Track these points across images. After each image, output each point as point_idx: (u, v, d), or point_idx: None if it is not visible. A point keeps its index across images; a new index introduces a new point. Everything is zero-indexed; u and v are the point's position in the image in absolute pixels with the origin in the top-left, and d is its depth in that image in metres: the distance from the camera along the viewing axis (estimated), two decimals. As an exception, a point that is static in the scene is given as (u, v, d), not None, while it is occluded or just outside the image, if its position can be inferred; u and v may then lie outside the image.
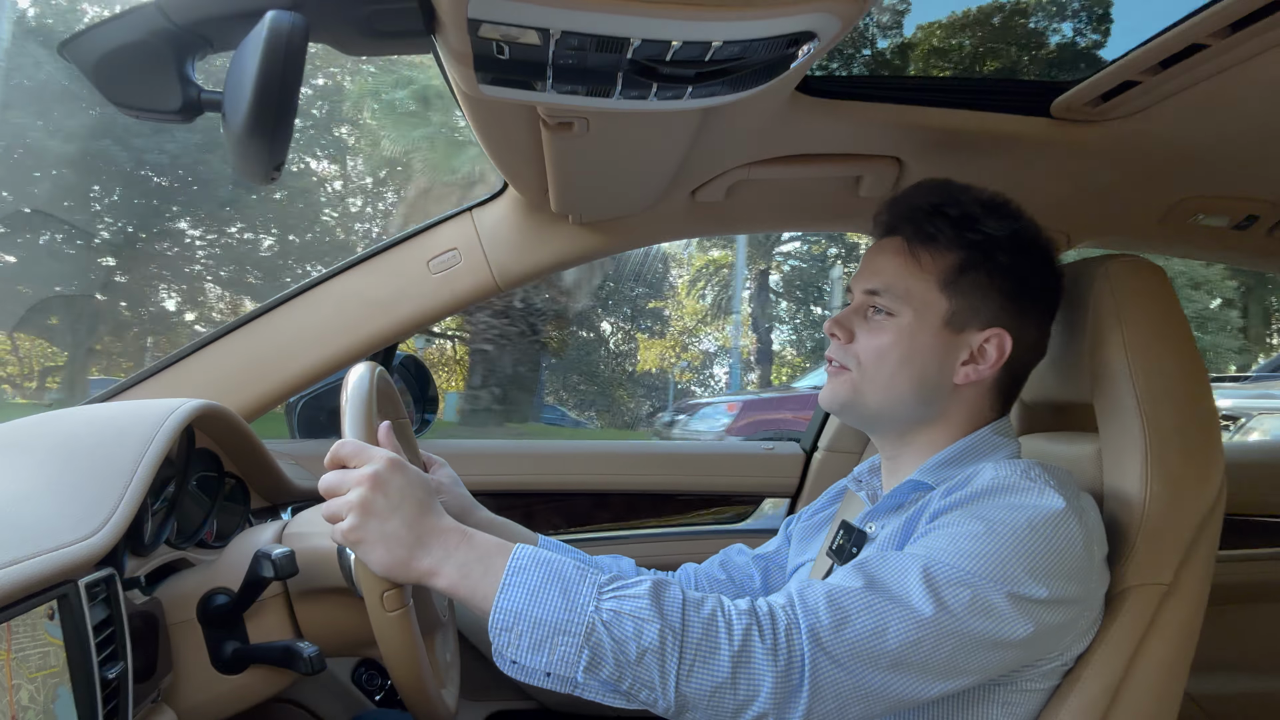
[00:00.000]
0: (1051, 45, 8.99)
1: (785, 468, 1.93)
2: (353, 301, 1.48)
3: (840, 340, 1.04)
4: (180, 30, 0.79)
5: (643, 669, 0.78)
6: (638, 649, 0.78)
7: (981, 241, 1.00)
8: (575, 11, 0.68)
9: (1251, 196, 1.42)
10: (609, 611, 0.79)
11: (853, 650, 0.80)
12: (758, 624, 0.80)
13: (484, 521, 1.19)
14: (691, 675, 0.78)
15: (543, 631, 0.78)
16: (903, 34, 10.81)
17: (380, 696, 1.66)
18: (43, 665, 0.71)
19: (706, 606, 0.81)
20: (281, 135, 0.72)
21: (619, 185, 1.31)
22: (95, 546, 0.78)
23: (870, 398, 1.02)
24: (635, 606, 0.79)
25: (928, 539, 0.89)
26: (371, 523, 0.83)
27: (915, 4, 10.65)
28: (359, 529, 0.83)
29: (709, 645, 0.79)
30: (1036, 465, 0.94)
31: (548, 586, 0.80)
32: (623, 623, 0.78)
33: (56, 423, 0.97)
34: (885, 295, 1.01)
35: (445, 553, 0.83)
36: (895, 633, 0.81)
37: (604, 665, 0.78)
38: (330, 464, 0.87)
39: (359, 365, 0.99)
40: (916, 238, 1.02)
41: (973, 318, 1.00)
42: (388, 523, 0.83)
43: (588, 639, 0.78)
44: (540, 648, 0.78)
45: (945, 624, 0.81)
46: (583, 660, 0.78)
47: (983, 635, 0.83)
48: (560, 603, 0.79)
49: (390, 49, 0.88)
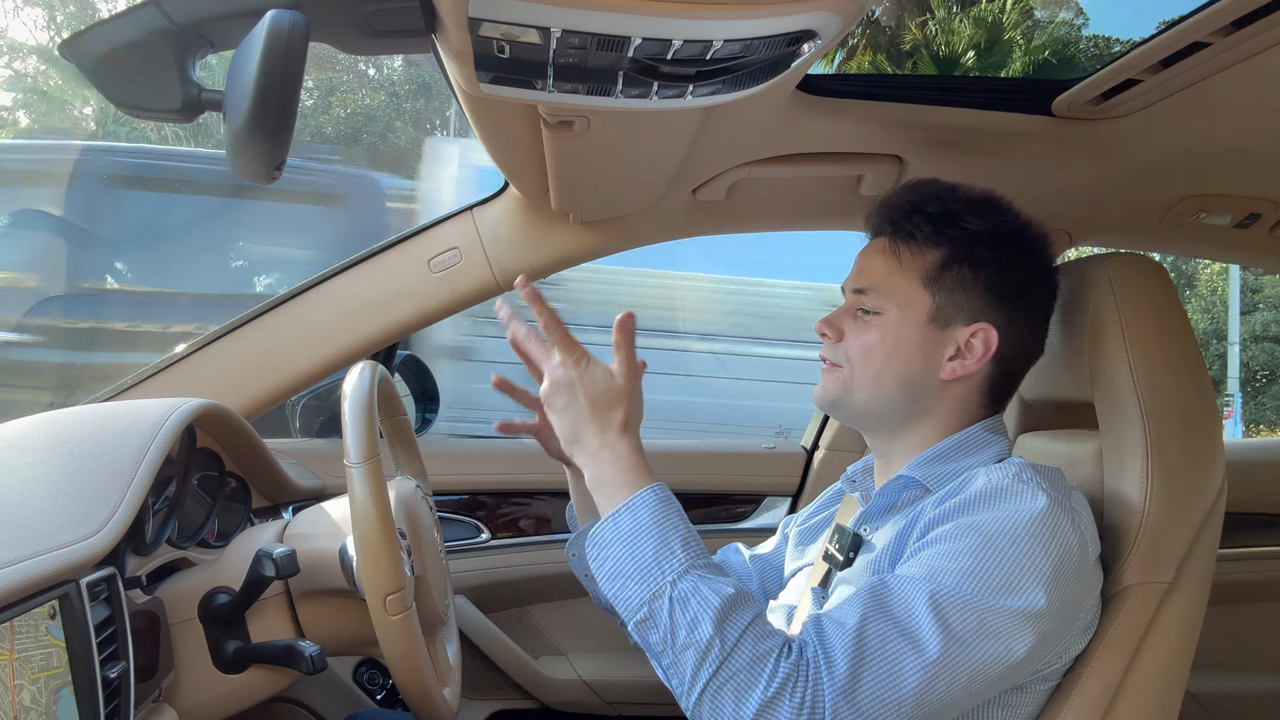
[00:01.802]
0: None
1: (786, 467, 1.93)
2: (353, 301, 1.48)
3: (830, 339, 1.06)
4: (180, 30, 0.79)
5: (682, 659, 0.81)
6: (686, 639, 0.80)
7: (962, 237, 1.01)
8: (576, 10, 0.68)
9: (1253, 195, 1.42)
10: (684, 590, 0.82)
11: (875, 700, 0.80)
12: (793, 677, 0.79)
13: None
14: (720, 695, 0.79)
15: (623, 568, 0.85)
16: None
17: (381, 696, 1.67)
18: (45, 666, 0.71)
19: (766, 644, 0.81)
20: (282, 134, 0.72)
21: (620, 184, 1.31)
22: (96, 546, 0.79)
23: (859, 394, 1.03)
24: (705, 601, 0.81)
25: (927, 558, 0.88)
26: (561, 396, 0.93)
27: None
28: (579, 388, 0.92)
29: (747, 679, 0.79)
30: (1028, 467, 0.94)
31: (648, 534, 0.86)
32: (687, 608, 0.81)
33: (57, 423, 0.97)
34: (871, 294, 1.03)
35: (603, 450, 0.92)
36: (911, 673, 0.80)
37: (654, 632, 0.82)
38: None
39: (359, 365, 0.99)
40: (897, 236, 1.04)
41: (957, 313, 1.01)
42: (577, 400, 0.92)
43: (653, 601, 0.82)
44: (614, 579, 0.85)
45: (958, 657, 0.82)
46: (639, 615, 0.83)
47: (992, 659, 0.83)
48: (650, 555, 0.85)
49: (390, 48, 0.88)
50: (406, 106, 16.06)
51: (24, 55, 17.97)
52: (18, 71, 17.71)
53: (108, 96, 0.81)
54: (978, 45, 11.33)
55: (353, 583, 0.98)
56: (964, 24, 11.44)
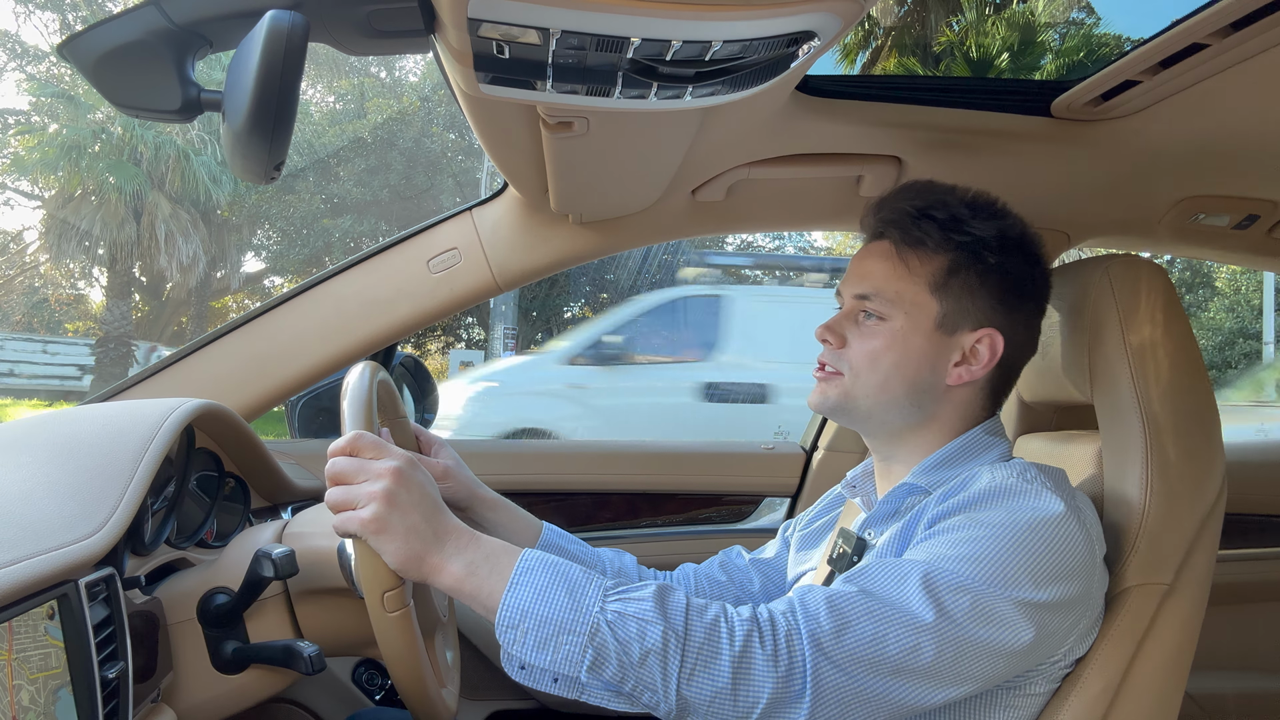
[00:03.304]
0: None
1: (785, 467, 1.93)
2: (352, 301, 1.48)
3: (833, 345, 1.04)
4: (180, 30, 0.79)
5: (645, 671, 0.79)
6: (641, 650, 0.78)
7: (969, 243, 1.00)
8: (575, 11, 0.68)
9: (1252, 196, 1.42)
10: (614, 613, 0.80)
11: (854, 656, 0.80)
12: (759, 630, 0.81)
13: (488, 500, 1.20)
14: (693, 679, 0.79)
15: (548, 630, 0.80)
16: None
17: (380, 696, 1.66)
18: (44, 666, 0.71)
19: (710, 612, 0.82)
20: (281, 135, 0.72)
21: (619, 185, 1.30)
22: (95, 546, 0.79)
23: (863, 401, 1.02)
24: (640, 609, 0.80)
25: (928, 544, 0.88)
26: (395, 515, 0.83)
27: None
28: (382, 520, 0.83)
29: (710, 650, 0.79)
30: (1032, 466, 0.94)
31: (554, 586, 0.81)
32: (627, 624, 0.79)
33: (57, 422, 0.97)
34: (876, 299, 1.01)
35: (456, 550, 0.85)
36: (895, 638, 0.81)
37: (608, 666, 0.79)
38: (342, 452, 0.87)
39: (358, 365, 0.99)
40: (905, 241, 1.02)
41: (964, 319, 1.01)
42: (409, 516, 0.84)
43: (592, 638, 0.79)
44: (545, 646, 0.80)
45: (946, 631, 0.82)
46: (586, 659, 0.79)
47: (984, 642, 0.83)
48: (566, 602, 0.80)
49: (390, 48, 0.88)
50: (440, 111, 16.00)
51: (37, 60, 18.03)
52: (33, 76, 17.75)
53: (107, 96, 0.81)
54: (1011, 47, 11.28)
55: (351, 580, 0.98)
56: (997, 26, 11.39)
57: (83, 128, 15.67)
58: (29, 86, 17.67)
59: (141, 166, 15.62)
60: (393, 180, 15.92)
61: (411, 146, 16.11)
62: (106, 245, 15.93)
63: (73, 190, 15.72)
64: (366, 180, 15.93)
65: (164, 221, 15.81)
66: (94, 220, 15.51)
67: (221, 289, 18.73)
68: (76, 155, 15.26)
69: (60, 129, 16.05)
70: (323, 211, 15.90)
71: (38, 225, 18.68)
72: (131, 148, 15.59)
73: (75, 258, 16.73)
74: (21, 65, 18.26)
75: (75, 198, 15.76)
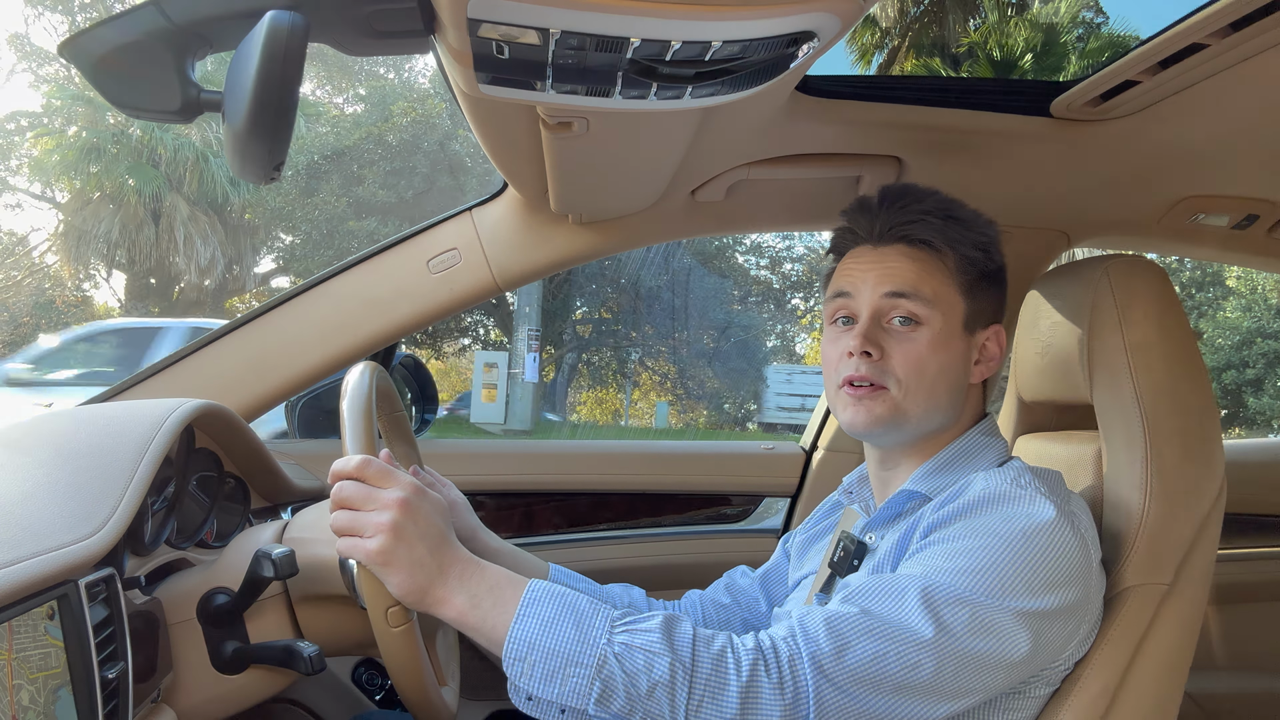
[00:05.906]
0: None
1: (785, 467, 1.93)
2: (352, 301, 1.48)
3: (873, 358, 0.97)
4: (180, 30, 0.79)
5: (653, 702, 0.79)
6: (648, 682, 0.79)
7: (986, 242, 1.02)
8: (575, 11, 0.68)
9: (1252, 196, 1.42)
10: (621, 645, 0.80)
11: (855, 676, 0.80)
12: (763, 659, 0.81)
13: (489, 548, 1.16)
14: (700, 710, 0.79)
15: (556, 662, 0.80)
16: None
17: (380, 696, 1.66)
18: (44, 666, 0.71)
19: (716, 643, 0.82)
20: (281, 135, 0.72)
21: (619, 185, 1.31)
22: (95, 546, 0.79)
23: (913, 413, 0.98)
24: (647, 640, 0.80)
25: (924, 557, 0.88)
26: (401, 548, 0.83)
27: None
28: (389, 552, 0.83)
29: (718, 681, 0.79)
30: (1026, 471, 0.94)
31: (561, 618, 0.82)
32: (634, 656, 0.79)
33: (56, 423, 0.97)
34: (914, 299, 0.97)
35: (460, 582, 0.85)
36: (896, 656, 0.81)
37: (615, 698, 0.79)
38: (349, 475, 0.87)
39: (358, 365, 0.99)
40: (941, 242, 1.00)
41: (979, 318, 1.03)
42: (415, 549, 0.84)
43: (600, 671, 0.79)
44: (553, 678, 0.80)
45: (945, 645, 0.82)
46: (594, 692, 0.79)
47: (983, 654, 0.83)
48: (573, 634, 0.81)
49: (390, 49, 0.88)
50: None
51: (48, 61, 18.01)
52: (48, 79, 17.72)
53: (107, 97, 0.81)
54: (1034, 48, 11.26)
55: (353, 590, 0.98)
56: (1019, 27, 11.37)
57: (102, 130, 15.66)
58: (48, 90, 17.66)
59: (160, 168, 15.60)
60: (417, 183, 15.85)
61: (436, 149, 16.08)
62: (125, 248, 15.90)
63: (91, 192, 15.71)
64: (391, 183, 15.83)
65: (182, 224, 15.80)
66: (113, 223, 15.50)
67: (236, 290, 18.69)
68: (96, 157, 15.25)
69: (80, 131, 16.04)
70: (348, 214, 15.78)
71: (47, 227, 18.71)
72: (150, 149, 15.58)
73: (92, 261, 16.70)
74: (32, 66, 18.27)
75: (94, 200, 15.74)
